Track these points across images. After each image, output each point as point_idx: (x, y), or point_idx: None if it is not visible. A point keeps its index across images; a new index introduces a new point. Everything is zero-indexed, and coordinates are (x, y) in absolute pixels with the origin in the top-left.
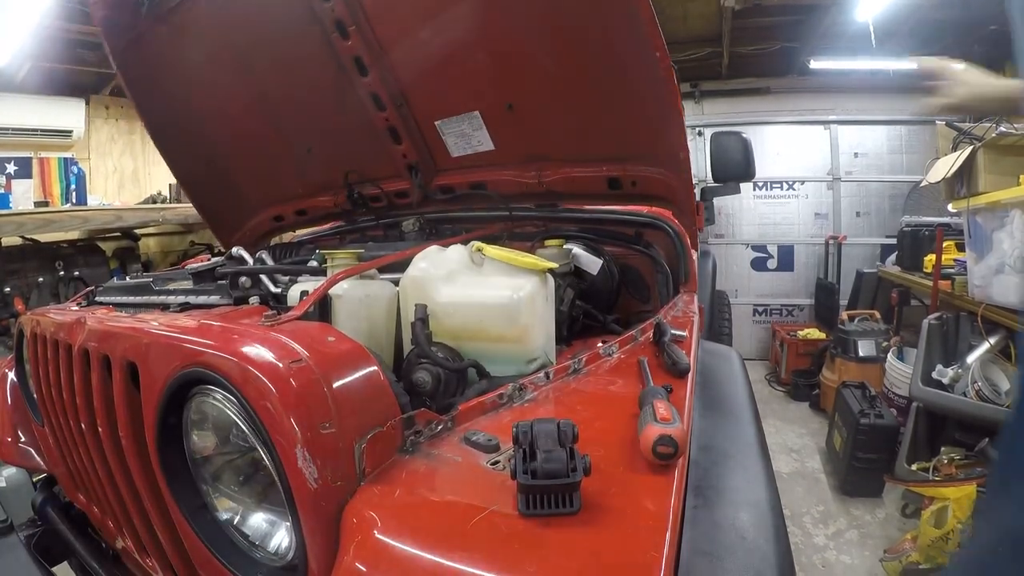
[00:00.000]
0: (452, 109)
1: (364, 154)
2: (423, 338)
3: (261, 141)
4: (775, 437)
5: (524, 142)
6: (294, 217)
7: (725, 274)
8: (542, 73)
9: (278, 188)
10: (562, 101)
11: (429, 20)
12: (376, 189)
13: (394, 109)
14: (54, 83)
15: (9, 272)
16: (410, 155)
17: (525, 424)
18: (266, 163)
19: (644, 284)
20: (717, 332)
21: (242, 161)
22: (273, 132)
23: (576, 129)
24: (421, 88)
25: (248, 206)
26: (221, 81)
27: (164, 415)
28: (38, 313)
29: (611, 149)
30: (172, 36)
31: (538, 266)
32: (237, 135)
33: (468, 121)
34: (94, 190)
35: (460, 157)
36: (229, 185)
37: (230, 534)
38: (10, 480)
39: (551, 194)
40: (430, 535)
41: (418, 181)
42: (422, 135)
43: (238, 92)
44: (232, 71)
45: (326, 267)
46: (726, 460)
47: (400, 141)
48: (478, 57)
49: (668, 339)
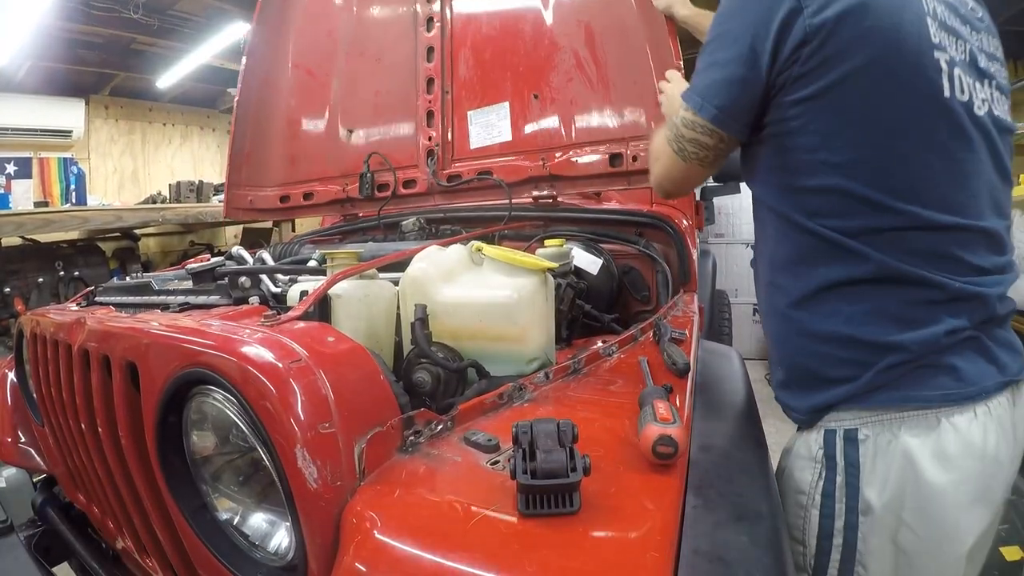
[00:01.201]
0: (487, 100)
1: (392, 138)
2: (423, 338)
3: (315, 120)
4: (775, 437)
5: (539, 131)
6: (300, 200)
7: (725, 273)
8: (569, 64)
9: (300, 170)
10: (581, 88)
11: (495, 26)
12: (388, 175)
13: (440, 94)
14: (54, 83)
15: (9, 272)
16: (434, 139)
17: (525, 424)
18: (303, 145)
19: (644, 284)
20: (717, 332)
21: (283, 137)
22: (331, 113)
23: (586, 114)
24: (468, 79)
25: (266, 180)
26: (324, 50)
27: (164, 415)
28: (38, 313)
29: (615, 132)
30: (319, 3)
31: (538, 266)
32: (297, 110)
33: (496, 112)
34: (94, 190)
35: (477, 149)
36: (261, 158)
37: (230, 534)
38: (10, 480)
39: (553, 177)
40: (430, 535)
41: (432, 168)
42: (453, 122)
43: (329, 68)
44: (341, 51)
45: (326, 267)
46: (726, 460)
47: (431, 124)
48: (522, 54)
49: (668, 339)
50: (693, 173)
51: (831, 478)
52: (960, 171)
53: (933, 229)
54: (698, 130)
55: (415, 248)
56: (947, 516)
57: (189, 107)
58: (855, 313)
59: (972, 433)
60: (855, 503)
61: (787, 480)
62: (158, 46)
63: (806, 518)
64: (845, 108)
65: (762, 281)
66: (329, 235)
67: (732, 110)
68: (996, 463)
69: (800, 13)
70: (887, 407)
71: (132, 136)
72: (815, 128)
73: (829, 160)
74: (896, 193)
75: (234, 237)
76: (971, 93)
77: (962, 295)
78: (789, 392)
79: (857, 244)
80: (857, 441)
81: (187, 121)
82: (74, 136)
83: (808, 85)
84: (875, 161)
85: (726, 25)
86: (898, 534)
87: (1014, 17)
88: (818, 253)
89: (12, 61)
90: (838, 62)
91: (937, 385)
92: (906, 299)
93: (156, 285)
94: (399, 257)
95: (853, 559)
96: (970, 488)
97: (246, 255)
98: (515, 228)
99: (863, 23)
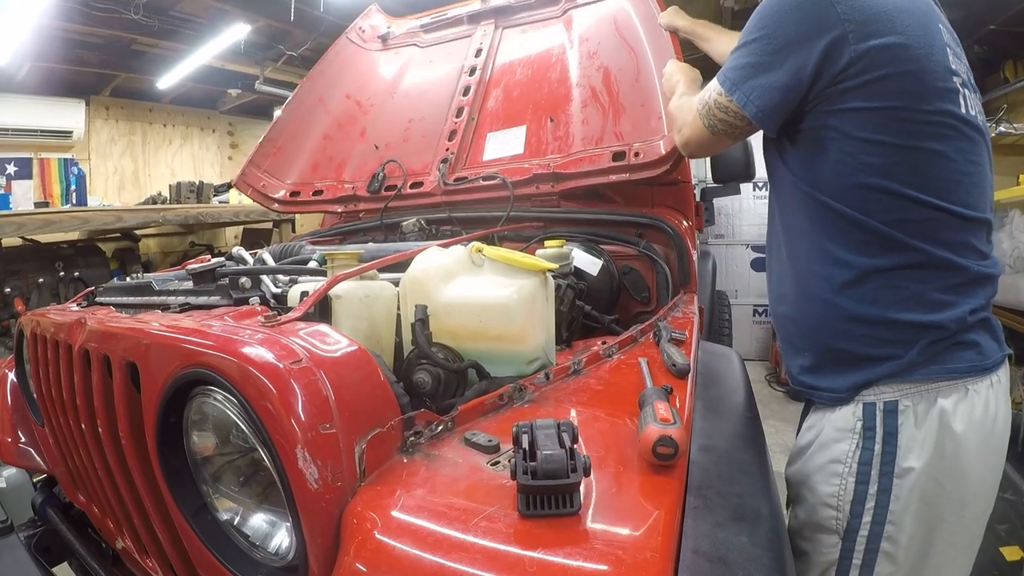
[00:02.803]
0: (507, 123)
1: (413, 151)
2: (423, 339)
3: (349, 133)
4: (775, 437)
5: (549, 144)
6: (309, 196)
7: (725, 274)
8: (586, 95)
9: (318, 175)
10: (593, 111)
11: (527, 73)
12: (399, 179)
13: (467, 120)
14: (54, 83)
15: (9, 273)
16: (450, 150)
17: (525, 425)
18: (329, 156)
19: (644, 285)
20: (717, 333)
21: (315, 147)
22: (366, 136)
23: (596, 130)
24: (495, 109)
25: (284, 175)
26: (377, 89)
27: (164, 415)
28: (38, 314)
29: (620, 138)
30: (383, 56)
31: (538, 267)
32: (336, 129)
33: (513, 132)
34: (94, 191)
35: (489, 160)
36: (288, 156)
37: (230, 534)
38: (10, 480)
39: (557, 176)
40: (430, 535)
41: (442, 171)
42: (472, 140)
43: (377, 103)
44: (391, 91)
45: (326, 268)
46: (726, 461)
47: (451, 140)
48: (544, 92)
49: (668, 340)
50: (719, 142)
51: (869, 447)
52: (976, 172)
53: (959, 221)
54: (731, 116)
55: (416, 249)
56: (974, 472)
57: (190, 108)
58: (897, 298)
59: (989, 399)
60: (891, 468)
61: (818, 453)
62: (159, 47)
63: (842, 486)
64: (883, 122)
65: (793, 273)
66: (329, 236)
67: (771, 112)
68: (1004, 427)
69: (846, 39)
70: (926, 379)
71: (132, 137)
72: (856, 135)
73: (870, 163)
74: (930, 190)
75: (234, 238)
76: (975, 108)
77: (979, 277)
78: (819, 375)
79: (899, 234)
80: (897, 412)
81: (187, 122)
82: (74, 137)
83: (851, 101)
84: (910, 163)
85: (771, 28)
86: (931, 493)
87: (1014, 18)
88: (864, 243)
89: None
90: (878, 84)
91: (966, 359)
92: (939, 283)
93: (156, 286)
94: (400, 258)
95: (884, 519)
96: (990, 447)
97: (246, 256)
98: (515, 229)
99: (900, 52)
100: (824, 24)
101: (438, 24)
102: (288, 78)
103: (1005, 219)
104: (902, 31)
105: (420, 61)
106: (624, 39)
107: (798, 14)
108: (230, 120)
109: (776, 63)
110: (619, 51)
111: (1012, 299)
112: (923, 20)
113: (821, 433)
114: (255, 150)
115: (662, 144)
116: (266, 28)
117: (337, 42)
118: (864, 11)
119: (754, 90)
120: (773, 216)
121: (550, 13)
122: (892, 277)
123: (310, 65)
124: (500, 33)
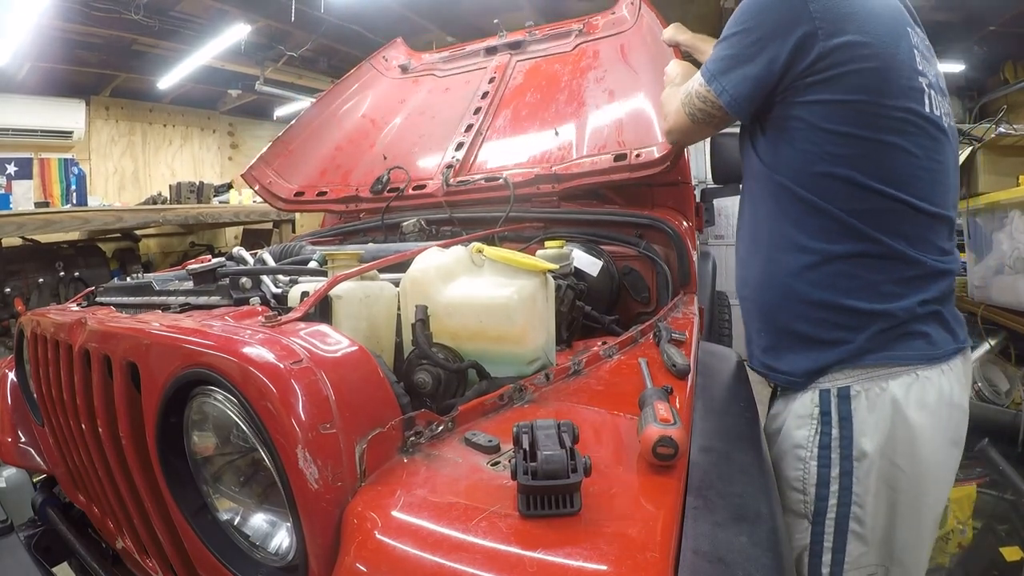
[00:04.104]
0: (512, 134)
1: (419, 159)
2: (423, 339)
3: (360, 146)
4: None
5: (554, 152)
6: (313, 196)
7: (725, 275)
8: (592, 111)
9: (324, 181)
10: (598, 123)
11: (537, 95)
12: (402, 183)
13: (475, 135)
14: (54, 83)
15: (9, 273)
16: (455, 158)
17: (525, 425)
18: (338, 164)
19: (644, 285)
20: (717, 333)
21: (325, 156)
22: (376, 150)
23: (599, 139)
24: (503, 126)
25: (291, 177)
26: (391, 109)
27: (165, 415)
28: (38, 314)
29: (623, 147)
30: (402, 83)
31: (538, 267)
32: (348, 142)
33: (519, 141)
34: (94, 191)
35: (492, 168)
36: (298, 160)
37: (230, 534)
38: (10, 480)
39: (558, 176)
40: (431, 536)
41: (445, 175)
42: (478, 150)
43: (391, 122)
44: (405, 112)
45: (327, 268)
46: (726, 461)
47: (458, 150)
48: (552, 111)
49: (668, 340)
50: (700, 130)
51: (827, 431)
52: (938, 170)
53: (918, 215)
54: (709, 105)
55: (416, 249)
56: (930, 455)
57: (190, 108)
58: (851, 286)
59: (943, 386)
60: (849, 451)
61: (784, 439)
62: (159, 47)
63: (805, 470)
64: (847, 114)
65: (757, 257)
66: (330, 236)
67: (743, 101)
68: (961, 410)
69: (816, 35)
70: (876, 365)
71: (133, 137)
72: (822, 126)
73: (834, 152)
74: (890, 182)
75: (234, 238)
76: (940, 109)
77: (935, 272)
78: (776, 355)
79: (859, 223)
80: (850, 397)
81: (188, 122)
82: (75, 137)
83: (818, 93)
84: (872, 155)
85: (750, 22)
86: (890, 474)
87: (1014, 18)
88: (824, 230)
89: (13, 61)
90: (843, 78)
91: (915, 347)
92: (894, 275)
93: (157, 286)
94: (400, 258)
95: (850, 501)
96: (946, 429)
97: (247, 256)
98: (515, 229)
99: (867, 50)
100: (797, 20)
101: (457, 56)
102: (288, 79)
103: (1005, 219)
104: (868, 31)
105: (436, 88)
106: (630, 64)
107: (775, 10)
108: (230, 120)
109: (752, 55)
110: (625, 74)
111: (1012, 299)
112: (891, 23)
113: (785, 421)
114: (267, 148)
115: (663, 148)
116: (266, 28)
117: (359, 67)
118: (834, 11)
119: (730, 80)
120: (743, 203)
121: (563, 47)
122: (849, 265)
123: (310, 66)
124: (514, 63)
